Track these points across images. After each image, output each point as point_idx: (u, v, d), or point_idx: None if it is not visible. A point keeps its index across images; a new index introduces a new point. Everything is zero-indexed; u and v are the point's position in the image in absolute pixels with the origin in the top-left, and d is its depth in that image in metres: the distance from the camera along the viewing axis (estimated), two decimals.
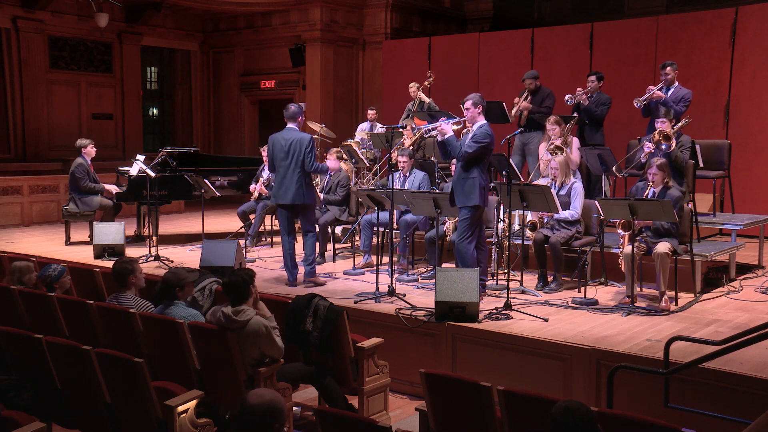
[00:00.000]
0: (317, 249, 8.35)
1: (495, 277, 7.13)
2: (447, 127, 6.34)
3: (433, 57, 12.52)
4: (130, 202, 9.54)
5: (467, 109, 6.36)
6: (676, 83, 7.89)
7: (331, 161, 8.58)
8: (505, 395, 3.67)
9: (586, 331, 5.56)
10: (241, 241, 8.25)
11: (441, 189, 7.88)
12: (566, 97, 8.48)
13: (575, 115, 8.32)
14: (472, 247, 6.35)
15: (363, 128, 10.90)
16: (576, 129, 8.68)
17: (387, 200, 6.80)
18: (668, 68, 7.86)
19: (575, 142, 7.84)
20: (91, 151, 9.42)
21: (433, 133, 6.58)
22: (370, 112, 10.90)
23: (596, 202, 6.54)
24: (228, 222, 10.92)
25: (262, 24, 14.70)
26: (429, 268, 7.53)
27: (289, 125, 7.10)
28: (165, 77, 15.94)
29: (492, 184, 8.18)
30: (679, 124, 7.31)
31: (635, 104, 7.89)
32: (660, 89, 7.84)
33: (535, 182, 7.50)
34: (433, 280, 6.27)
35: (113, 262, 5.68)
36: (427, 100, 9.95)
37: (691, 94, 7.88)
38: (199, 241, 8.84)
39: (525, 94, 8.89)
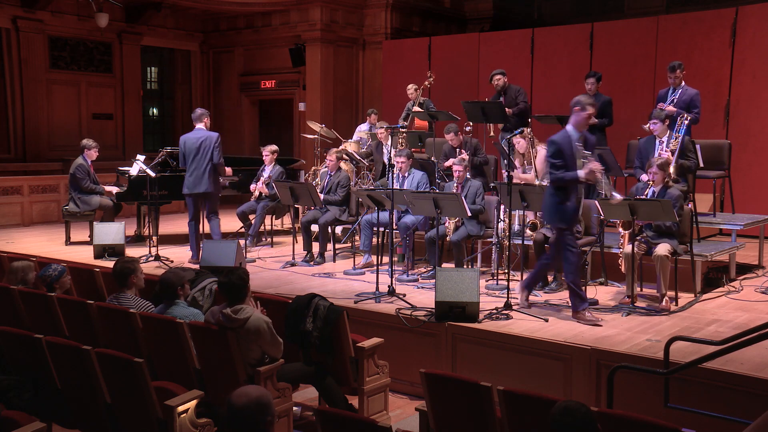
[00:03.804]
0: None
1: (495, 277, 7.13)
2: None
3: (433, 57, 12.52)
4: (130, 202, 9.55)
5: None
6: (683, 83, 7.84)
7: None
8: (505, 395, 3.67)
9: (586, 331, 5.56)
10: (241, 241, 8.25)
11: (441, 189, 7.89)
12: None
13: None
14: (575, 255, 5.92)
15: (362, 129, 10.90)
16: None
17: (387, 200, 6.80)
18: (678, 70, 7.71)
19: (541, 150, 7.86)
20: (93, 153, 9.44)
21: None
22: (373, 116, 10.85)
23: (596, 202, 6.54)
24: (228, 222, 10.90)
25: (262, 24, 14.70)
26: (429, 268, 7.53)
27: (198, 126, 8.12)
28: (165, 77, 15.94)
29: (492, 184, 8.21)
30: (682, 130, 7.18)
31: (644, 128, 7.71)
32: (670, 103, 7.71)
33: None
34: (433, 280, 6.27)
35: (114, 261, 5.68)
36: (421, 100, 9.89)
37: (699, 93, 7.80)
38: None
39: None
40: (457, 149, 8.35)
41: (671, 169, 6.80)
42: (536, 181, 7.57)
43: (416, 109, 9.78)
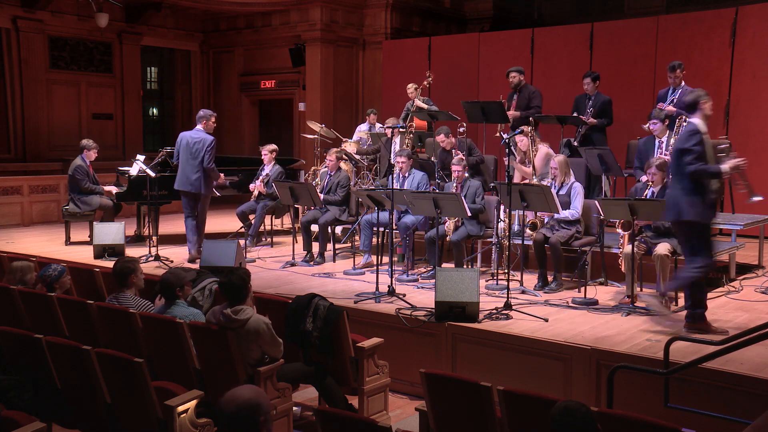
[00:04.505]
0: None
1: (495, 277, 7.13)
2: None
3: (433, 57, 12.52)
4: (130, 202, 9.55)
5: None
6: (683, 83, 7.84)
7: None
8: (505, 395, 3.67)
9: (586, 331, 5.56)
10: (241, 241, 8.25)
11: (441, 189, 7.88)
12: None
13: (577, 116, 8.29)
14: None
15: (362, 129, 10.90)
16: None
17: (387, 200, 6.80)
18: (678, 70, 7.72)
19: (542, 148, 7.87)
20: (92, 154, 9.45)
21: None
22: (372, 116, 10.84)
23: (596, 202, 6.55)
24: (228, 222, 10.92)
25: (262, 24, 14.70)
26: (429, 268, 7.53)
27: (198, 126, 8.27)
28: (165, 77, 15.94)
29: (492, 184, 8.21)
30: (680, 129, 7.19)
31: (643, 128, 7.71)
32: (669, 103, 7.71)
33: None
34: (433, 280, 6.27)
35: (114, 261, 5.68)
36: (421, 103, 9.83)
37: None
38: None
39: (512, 107, 8.80)
40: (452, 150, 8.32)
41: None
42: (534, 178, 7.57)
43: (418, 102, 9.76)
